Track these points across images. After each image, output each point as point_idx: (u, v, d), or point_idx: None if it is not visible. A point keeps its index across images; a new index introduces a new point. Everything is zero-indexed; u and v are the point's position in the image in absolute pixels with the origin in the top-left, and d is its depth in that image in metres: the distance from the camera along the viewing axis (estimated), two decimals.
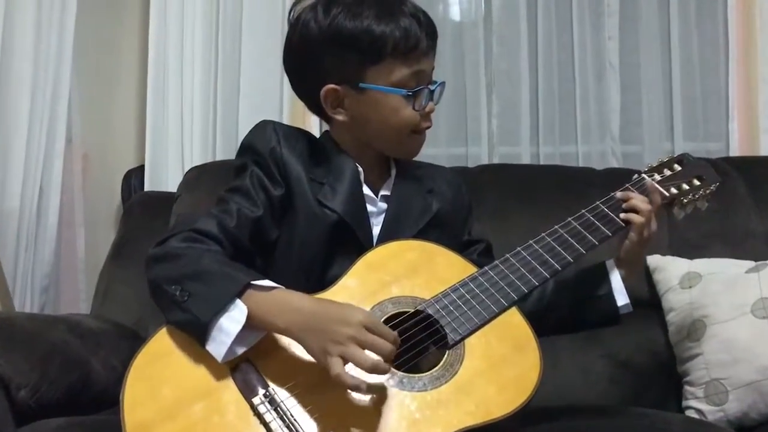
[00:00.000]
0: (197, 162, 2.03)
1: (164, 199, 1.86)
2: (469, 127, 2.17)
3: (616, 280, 1.21)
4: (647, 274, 1.70)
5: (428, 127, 1.20)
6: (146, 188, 2.06)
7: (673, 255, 1.70)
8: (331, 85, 1.16)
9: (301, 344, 0.96)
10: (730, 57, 2.11)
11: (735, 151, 2.10)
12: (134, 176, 2.10)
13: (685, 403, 1.49)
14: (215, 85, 2.12)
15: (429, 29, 1.16)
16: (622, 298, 1.20)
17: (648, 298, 1.68)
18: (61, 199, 1.98)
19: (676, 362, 1.56)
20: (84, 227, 2.08)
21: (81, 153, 2.08)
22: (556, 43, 2.16)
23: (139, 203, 1.90)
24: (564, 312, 1.23)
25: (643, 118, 2.15)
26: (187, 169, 1.98)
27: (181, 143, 2.09)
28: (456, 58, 2.18)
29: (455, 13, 2.24)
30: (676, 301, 1.59)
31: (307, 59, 1.18)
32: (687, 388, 1.50)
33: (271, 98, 2.11)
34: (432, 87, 1.18)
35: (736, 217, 1.76)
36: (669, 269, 1.65)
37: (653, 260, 1.69)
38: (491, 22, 2.17)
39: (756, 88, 2.09)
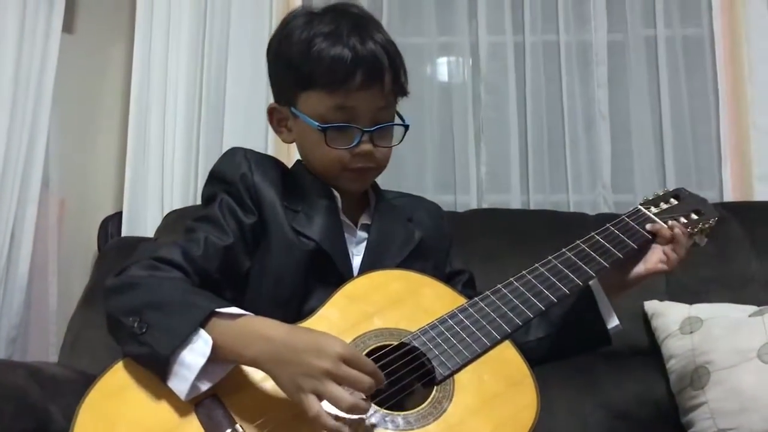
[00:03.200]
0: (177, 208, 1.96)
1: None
2: (458, 175, 2.13)
3: (602, 299, 1.13)
4: (645, 320, 1.63)
5: (369, 168, 1.11)
6: (124, 234, 1.98)
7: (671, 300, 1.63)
8: (276, 104, 1.14)
9: (272, 377, 0.87)
10: (720, 105, 2.10)
11: (729, 198, 2.06)
12: (111, 223, 2.02)
13: None
14: (198, 131, 2.08)
15: (369, 64, 1.05)
16: (612, 320, 1.13)
17: (647, 345, 1.61)
18: (34, 247, 1.90)
19: (679, 412, 1.48)
20: (57, 276, 1.98)
21: (58, 199, 2.00)
22: (545, 91, 2.15)
23: (114, 248, 1.82)
24: (550, 340, 1.15)
25: (634, 167, 2.12)
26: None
27: (161, 189, 2.04)
28: (443, 105, 2.16)
29: (443, 60, 2.22)
30: (676, 348, 1.51)
31: (268, 71, 1.16)
32: None
33: (255, 144, 2.06)
34: (368, 128, 1.07)
35: (735, 263, 1.71)
36: (668, 314, 1.58)
37: (651, 306, 1.63)
38: (479, 70, 2.15)
39: (747, 136, 2.07)
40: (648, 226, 1.15)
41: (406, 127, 1.14)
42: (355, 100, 1.06)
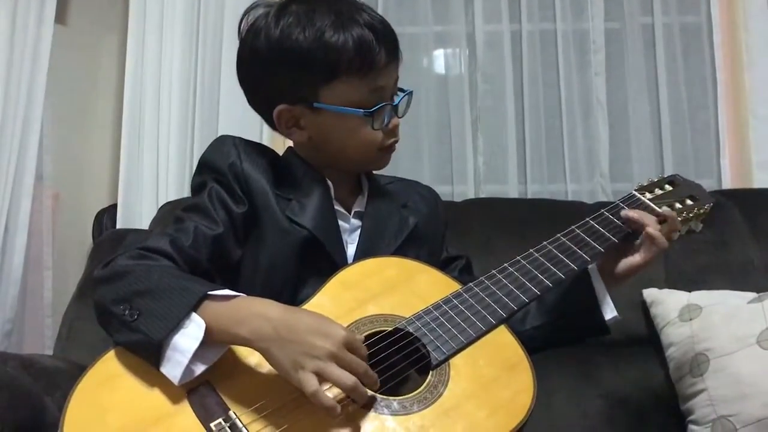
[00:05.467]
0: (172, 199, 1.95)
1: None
2: (455, 165, 2.12)
3: (600, 289, 1.11)
4: (644, 308, 1.62)
5: (395, 142, 1.12)
6: (119, 227, 1.97)
7: (670, 288, 1.62)
8: (284, 106, 1.07)
9: (267, 356, 0.86)
10: (718, 93, 2.09)
11: (727, 186, 2.05)
12: (106, 216, 2.01)
13: None
14: (192, 123, 2.07)
15: (387, 40, 1.05)
16: (609, 311, 1.11)
17: (646, 333, 1.60)
18: (28, 240, 1.89)
19: (679, 400, 1.46)
20: (52, 269, 1.98)
21: (52, 192, 1.99)
22: (542, 80, 2.13)
23: (108, 240, 1.81)
24: (547, 329, 1.13)
25: (632, 155, 2.11)
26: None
27: (156, 181, 2.02)
28: (440, 95, 2.15)
29: (439, 50, 2.20)
30: (675, 335, 1.50)
31: (258, 76, 1.09)
32: (692, 427, 1.40)
33: (250, 136, 2.04)
34: (395, 101, 1.08)
35: (734, 249, 1.70)
36: (667, 302, 1.56)
37: (650, 293, 1.61)
38: (476, 59, 2.13)
39: (746, 124, 2.06)
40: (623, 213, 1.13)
41: (410, 94, 1.12)
42: (384, 78, 1.06)
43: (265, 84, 1.09)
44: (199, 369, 0.87)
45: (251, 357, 0.90)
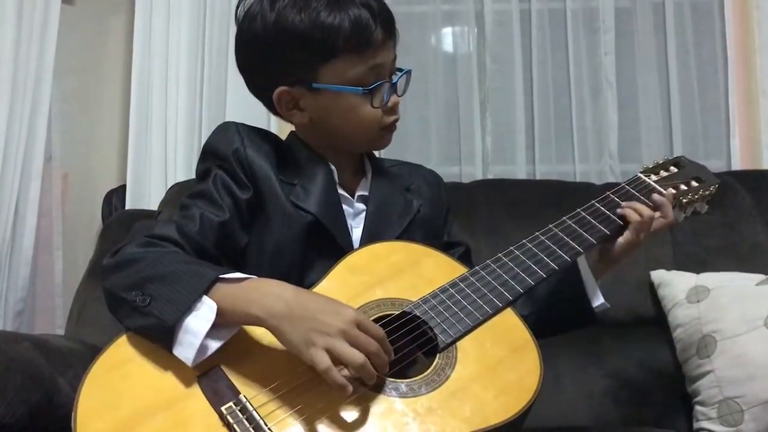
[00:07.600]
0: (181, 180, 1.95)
1: (144, 216, 1.78)
2: (463, 146, 2.11)
3: (588, 278, 1.12)
4: (651, 289, 1.62)
5: (395, 121, 1.11)
6: (128, 207, 1.98)
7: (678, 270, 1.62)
8: (283, 87, 1.08)
9: (278, 334, 0.87)
10: (729, 73, 2.07)
11: (737, 167, 2.03)
12: (116, 196, 2.02)
13: (696, 425, 1.40)
14: (200, 103, 2.06)
15: (383, 18, 1.05)
16: (596, 299, 1.11)
17: (653, 315, 1.60)
18: (38, 221, 1.90)
19: (685, 381, 1.47)
20: (62, 250, 1.99)
21: (61, 173, 2.00)
22: (551, 59, 2.12)
23: (118, 221, 1.82)
24: (535, 316, 1.12)
25: (641, 135, 2.10)
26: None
27: (164, 162, 2.02)
28: (448, 75, 2.13)
29: (448, 29, 2.19)
30: (683, 317, 1.51)
31: (256, 59, 1.09)
32: (698, 408, 1.41)
33: (258, 116, 2.03)
34: (394, 79, 1.09)
35: (743, 231, 1.69)
36: (675, 284, 1.57)
37: (657, 275, 1.62)
38: (484, 38, 2.12)
39: (757, 104, 2.04)
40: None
41: (408, 73, 1.12)
42: (382, 56, 1.06)
43: (263, 67, 1.09)
44: (213, 346, 0.87)
45: (261, 341, 0.91)
